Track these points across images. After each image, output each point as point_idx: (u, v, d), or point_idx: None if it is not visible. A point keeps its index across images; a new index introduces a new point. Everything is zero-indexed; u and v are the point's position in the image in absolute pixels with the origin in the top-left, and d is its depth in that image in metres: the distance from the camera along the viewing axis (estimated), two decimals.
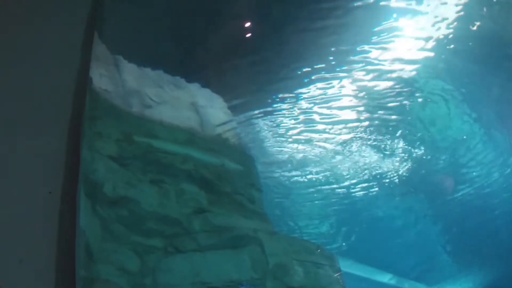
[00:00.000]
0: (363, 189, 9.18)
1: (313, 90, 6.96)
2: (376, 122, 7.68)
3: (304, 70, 6.59)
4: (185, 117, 4.61)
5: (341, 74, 6.74)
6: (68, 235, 2.81)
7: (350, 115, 7.51)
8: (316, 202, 9.39)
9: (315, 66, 6.57)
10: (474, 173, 9.03)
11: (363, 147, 8.18)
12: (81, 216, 3.00)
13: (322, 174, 8.69)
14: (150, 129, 4.06)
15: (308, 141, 7.95)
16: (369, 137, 7.97)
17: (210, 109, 5.17)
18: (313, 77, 6.75)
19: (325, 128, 7.73)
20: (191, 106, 4.83)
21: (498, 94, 7.42)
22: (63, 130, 3.08)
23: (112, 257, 3.26)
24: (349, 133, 7.86)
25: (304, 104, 7.23)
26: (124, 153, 3.71)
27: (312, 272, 5.26)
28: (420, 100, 7.34)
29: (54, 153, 2.91)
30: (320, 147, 8.08)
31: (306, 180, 8.73)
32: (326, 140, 7.96)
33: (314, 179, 8.76)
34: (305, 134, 7.79)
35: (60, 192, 2.84)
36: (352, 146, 8.10)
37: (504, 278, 11.49)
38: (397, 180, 9.02)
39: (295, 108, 7.28)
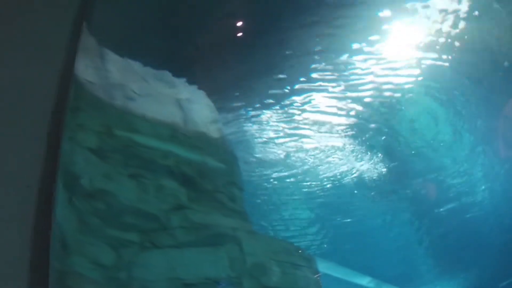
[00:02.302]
0: (346, 192, 9.21)
1: (303, 92, 6.95)
2: (363, 127, 7.69)
3: (294, 71, 6.58)
4: (168, 112, 4.58)
5: (331, 78, 6.73)
6: (44, 228, 2.78)
7: (337, 119, 7.52)
8: (299, 203, 9.41)
9: (306, 68, 6.56)
10: (458, 181, 9.10)
11: (348, 151, 8.19)
12: (57, 208, 2.97)
13: (306, 176, 8.70)
14: (132, 123, 4.02)
15: (294, 142, 7.95)
16: (355, 141, 7.99)
17: (195, 105, 5.14)
18: (303, 79, 6.74)
19: (312, 130, 7.73)
20: (176, 101, 4.80)
21: (489, 106, 7.47)
22: (45, 121, 3.04)
23: (86, 249, 3.24)
24: (335, 136, 7.87)
25: (292, 105, 7.22)
26: (104, 146, 3.68)
27: (290, 273, 5.27)
28: (408, 108, 7.36)
29: (34, 145, 2.88)
30: (306, 149, 8.09)
31: (289, 181, 8.74)
32: (312, 142, 7.97)
33: (298, 180, 8.77)
34: (291, 135, 7.79)
35: (38, 184, 2.81)
36: (337, 149, 8.12)
37: (483, 285, 11.62)
38: (380, 185, 9.06)
39: (283, 109, 7.27)
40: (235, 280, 4.54)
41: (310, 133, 7.78)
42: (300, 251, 5.75)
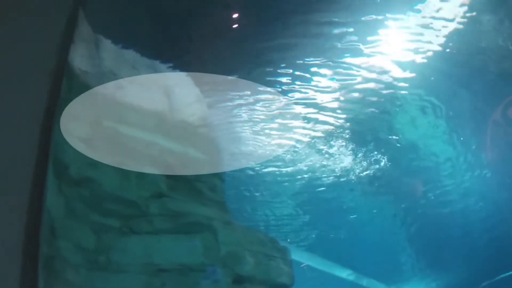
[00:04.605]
0: (332, 187, 9.24)
1: (293, 86, 6.93)
2: (353, 123, 7.71)
3: (286, 66, 6.57)
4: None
5: (324, 73, 6.72)
6: (36, 214, 2.89)
7: (327, 113, 7.52)
8: (284, 196, 9.48)
9: (299, 64, 6.54)
10: (445, 182, 9.20)
11: (336, 146, 8.20)
12: (48, 195, 3.11)
13: (293, 170, 8.73)
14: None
15: (282, 135, 7.94)
16: (343, 136, 7.99)
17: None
18: (295, 74, 6.72)
19: (300, 125, 7.72)
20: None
21: (478, 111, 7.58)
22: (38, 112, 3.11)
23: (71, 234, 3.39)
24: (323, 131, 7.87)
25: (282, 99, 7.20)
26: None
27: (263, 263, 5.39)
28: (399, 106, 7.40)
29: (27, 135, 2.96)
30: (293, 143, 8.07)
31: (275, 174, 8.76)
32: (300, 136, 7.96)
33: (283, 174, 8.79)
34: (279, 128, 7.76)
35: (31, 173, 2.89)
36: (325, 144, 8.13)
37: (464, 284, 11.89)
38: (368, 180, 9.09)
39: (273, 102, 7.25)
40: (209, 268, 4.67)
41: (299, 128, 7.78)
42: (274, 242, 5.91)
